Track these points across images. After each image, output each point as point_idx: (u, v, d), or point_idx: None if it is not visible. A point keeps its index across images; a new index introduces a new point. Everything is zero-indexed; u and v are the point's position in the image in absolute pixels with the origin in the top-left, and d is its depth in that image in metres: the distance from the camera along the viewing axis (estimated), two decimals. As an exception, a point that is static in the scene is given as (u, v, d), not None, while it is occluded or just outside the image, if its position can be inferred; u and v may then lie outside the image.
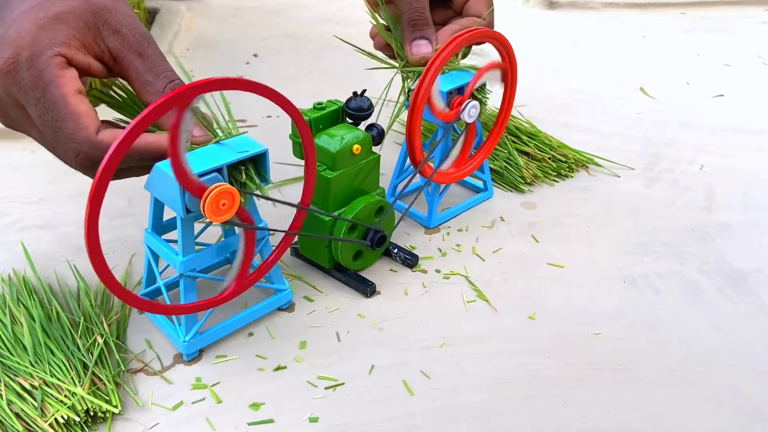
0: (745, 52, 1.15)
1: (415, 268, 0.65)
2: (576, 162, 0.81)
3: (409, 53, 0.64)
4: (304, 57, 1.09)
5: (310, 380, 0.53)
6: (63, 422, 0.47)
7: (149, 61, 0.50)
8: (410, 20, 0.64)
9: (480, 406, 0.51)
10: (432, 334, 0.57)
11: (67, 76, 0.46)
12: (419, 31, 0.64)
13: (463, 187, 0.77)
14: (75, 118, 0.46)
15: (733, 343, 0.57)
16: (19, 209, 0.72)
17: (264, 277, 0.57)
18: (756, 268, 0.66)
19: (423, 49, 0.64)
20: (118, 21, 0.49)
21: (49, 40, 0.46)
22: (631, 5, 1.34)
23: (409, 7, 0.64)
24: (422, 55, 0.64)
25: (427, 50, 0.64)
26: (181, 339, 0.53)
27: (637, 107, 0.96)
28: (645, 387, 0.53)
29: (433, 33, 0.65)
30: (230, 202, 0.48)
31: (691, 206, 0.75)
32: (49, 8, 0.47)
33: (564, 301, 0.61)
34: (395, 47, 0.67)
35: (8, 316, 0.55)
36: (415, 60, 0.65)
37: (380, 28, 0.68)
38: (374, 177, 0.63)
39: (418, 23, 0.64)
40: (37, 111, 0.46)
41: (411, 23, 0.64)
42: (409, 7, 0.64)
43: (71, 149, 0.46)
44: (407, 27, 0.64)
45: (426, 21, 0.64)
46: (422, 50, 0.64)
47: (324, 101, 0.61)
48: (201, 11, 1.27)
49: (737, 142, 0.88)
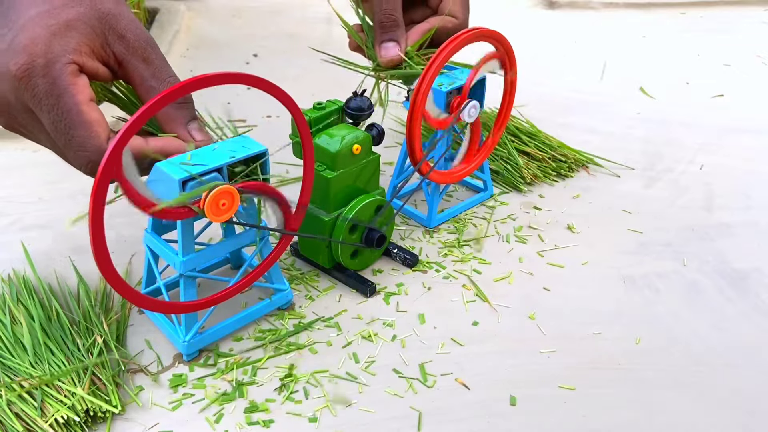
0: (745, 52, 1.15)
1: (415, 268, 0.65)
2: (576, 162, 0.81)
3: (378, 55, 0.64)
4: (304, 57, 1.09)
5: (310, 380, 0.53)
6: (63, 422, 0.47)
7: (153, 67, 0.50)
8: (379, 22, 0.64)
9: (480, 406, 0.51)
10: (432, 334, 0.57)
11: (80, 84, 0.47)
12: (387, 33, 0.64)
13: (463, 187, 0.77)
14: (87, 127, 0.46)
15: (733, 343, 0.57)
16: (19, 209, 0.72)
17: (264, 277, 0.57)
18: (756, 268, 0.65)
19: (390, 52, 0.64)
20: (123, 26, 0.50)
21: (62, 48, 0.46)
22: (631, 5, 1.34)
23: (379, 8, 0.64)
24: (389, 58, 0.64)
25: (395, 53, 0.64)
26: (181, 339, 0.54)
27: (637, 107, 0.96)
28: (645, 387, 0.53)
29: (403, 35, 0.65)
30: (230, 202, 0.48)
31: (691, 206, 0.75)
32: (59, 15, 0.47)
33: (564, 301, 0.61)
34: (366, 49, 0.67)
35: (8, 316, 0.55)
36: (384, 62, 0.64)
37: (351, 30, 0.68)
38: (374, 177, 0.63)
39: (386, 25, 0.64)
40: (50, 118, 0.46)
41: (381, 25, 0.64)
42: (379, 9, 0.64)
43: (82, 157, 0.47)
44: (377, 29, 0.64)
45: (395, 23, 0.64)
46: (390, 53, 0.64)
47: (324, 101, 0.61)
48: (201, 11, 1.27)
49: (737, 142, 0.88)
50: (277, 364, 0.54)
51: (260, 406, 0.50)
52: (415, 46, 0.65)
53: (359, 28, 0.68)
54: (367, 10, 0.67)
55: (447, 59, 0.60)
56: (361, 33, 0.67)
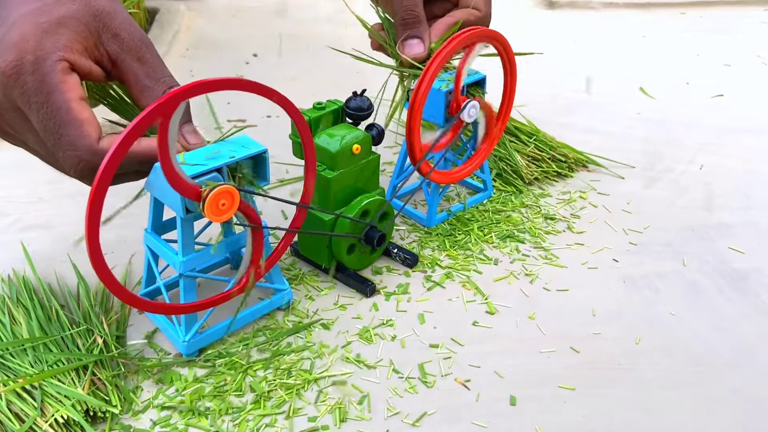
0: (745, 52, 1.15)
1: (415, 268, 0.65)
2: (576, 162, 0.81)
3: (401, 53, 0.64)
4: (304, 57, 1.09)
5: (309, 380, 0.53)
6: (63, 422, 0.47)
7: (148, 66, 0.50)
8: (402, 19, 0.63)
9: (480, 406, 0.51)
10: (432, 334, 0.57)
11: (71, 82, 0.46)
12: (410, 30, 0.63)
13: (463, 187, 0.77)
14: (78, 125, 0.45)
15: (733, 343, 0.57)
16: (19, 209, 0.72)
17: (264, 277, 0.57)
18: (756, 268, 0.65)
19: (415, 49, 0.63)
20: (117, 25, 0.49)
21: (52, 45, 0.46)
22: (631, 5, 1.34)
23: (400, 5, 0.63)
24: (414, 55, 0.63)
25: (419, 50, 0.63)
26: (180, 339, 0.53)
27: (637, 107, 0.96)
28: (645, 387, 0.53)
29: (426, 31, 0.64)
30: (230, 202, 0.48)
31: (691, 206, 0.75)
32: (51, 12, 0.46)
33: (564, 301, 0.61)
34: (389, 48, 0.66)
35: (8, 316, 0.55)
36: (409, 60, 0.64)
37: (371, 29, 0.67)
38: (374, 177, 0.63)
39: (409, 22, 0.63)
40: (39, 116, 0.45)
41: (402, 22, 0.63)
42: (400, 6, 0.63)
43: (72, 156, 0.46)
44: (399, 26, 0.63)
45: (417, 19, 0.63)
46: (414, 50, 0.63)
47: (324, 101, 0.61)
48: (201, 11, 1.27)
49: (737, 142, 0.88)
50: (277, 364, 0.54)
51: (260, 405, 0.50)
52: (440, 41, 0.64)
53: (380, 27, 0.67)
54: (386, 7, 0.66)
55: (446, 60, 0.60)
56: (382, 32, 0.66)
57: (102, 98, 0.55)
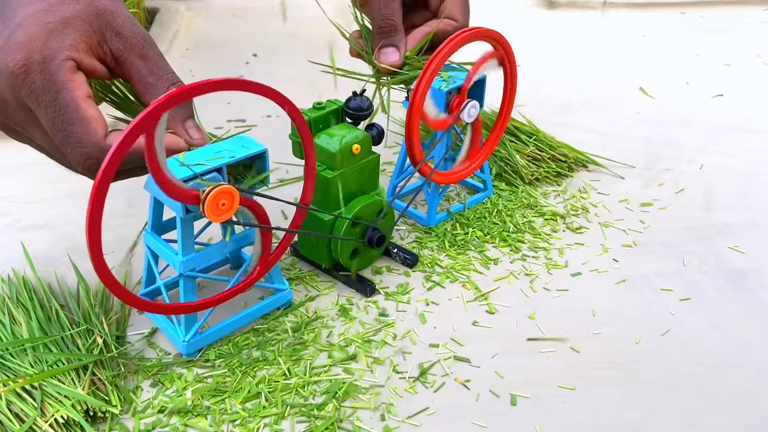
0: (745, 52, 1.15)
1: (415, 268, 0.65)
2: (576, 162, 0.81)
3: (377, 60, 0.64)
4: (304, 57, 1.09)
5: (309, 380, 0.53)
6: (63, 422, 0.47)
7: (151, 63, 0.50)
8: (378, 27, 0.63)
9: (480, 406, 0.51)
10: (432, 334, 0.57)
11: (77, 81, 0.47)
12: (386, 38, 0.63)
13: (463, 187, 0.77)
14: (85, 123, 0.46)
15: (733, 343, 0.57)
16: (19, 209, 0.72)
17: (264, 277, 0.57)
18: (756, 268, 0.65)
19: (390, 58, 0.63)
20: (120, 23, 0.49)
21: (59, 44, 0.46)
22: (631, 5, 1.34)
23: (378, 14, 0.63)
24: (389, 63, 0.64)
25: (395, 58, 0.63)
26: (181, 339, 0.53)
27: (637, 107, 0.96)
28: (645, 387, 0.53)
29: (402, 40, 0.64)
30: (230, 202, 0.48)
31: (691, 206, 0.75)
32: (57, 12, 0.47)
33: (564, 301, 0.61)
34: (366, 56, 0.66)
35: (8, 316, 0.55)
36: (383, 68, 0.64)
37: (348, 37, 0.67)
38: (374, 177, 0.63)
39: (386, 30, 0.63)
40: (47, 114, 0.46)
41: (379, 30, 0.63)
42: (378, 14, 0.63)
43: (80, 153, 0.47)
44: (376, 34, 0.64)
45: (394, 28, 0.63)
46: (389, 58, 0.63)
47: (324, 101, 0.61)
48: (201, 11, 1.27)
49: (737, 142, 0.88)
50: (276, 363, 0.54)
51: (259, 405, 0.50)
52: (414, 50, 0.65)
53: (358, 34, 0.68)
54: (366, 15, 0.67)
55: (446, 59, 0.60)
56: (361, 39, 0.67)
57: (106, 96, 0.55)
